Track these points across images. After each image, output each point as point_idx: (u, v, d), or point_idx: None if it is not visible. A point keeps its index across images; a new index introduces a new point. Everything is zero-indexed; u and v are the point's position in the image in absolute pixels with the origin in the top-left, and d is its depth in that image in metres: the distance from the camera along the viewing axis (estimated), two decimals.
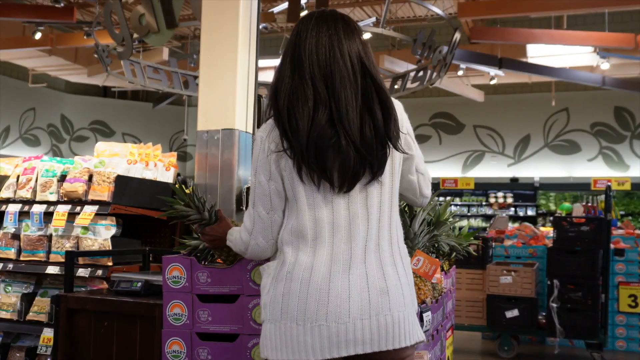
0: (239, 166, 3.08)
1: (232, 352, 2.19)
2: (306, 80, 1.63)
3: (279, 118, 1.65)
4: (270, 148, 1.68)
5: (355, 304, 1.59)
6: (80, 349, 2.67)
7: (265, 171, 1.69)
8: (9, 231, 3.73)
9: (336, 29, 1.66)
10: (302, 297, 1.60)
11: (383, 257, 1.67)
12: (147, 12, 3.54)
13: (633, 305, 6.19)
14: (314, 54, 1.64)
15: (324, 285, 1.60)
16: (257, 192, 1.71)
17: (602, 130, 13.62)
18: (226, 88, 3.08)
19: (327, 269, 1.61)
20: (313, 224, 1.65)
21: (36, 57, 11.40)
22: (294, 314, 1.61)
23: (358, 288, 1.61)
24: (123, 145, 4.10)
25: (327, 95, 1.61)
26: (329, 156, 1.61)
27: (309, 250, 1.64)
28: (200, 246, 2.21)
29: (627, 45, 8.79)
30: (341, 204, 1.65)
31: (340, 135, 1.59)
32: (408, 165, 1.79)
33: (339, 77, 1.62)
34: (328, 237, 1.64)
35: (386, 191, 1.70)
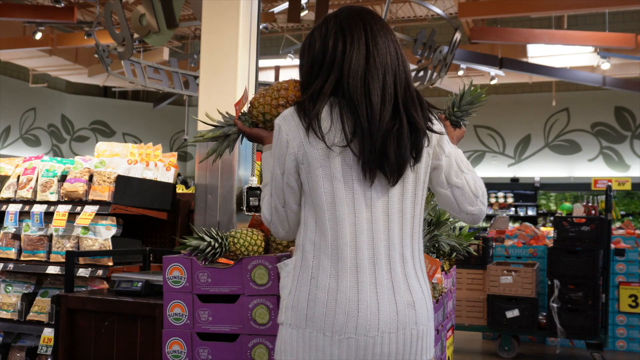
0: (239, 166, 3.08)
1: (232, 352, 2.19)
2: (379, 73, 1.58)
3: (314, 105, 1.58)
4: (291, 142, 1.59)
5: (384, 317, 1.55)
6: (81, 349, 2.67)
7: (281, 164, 1.62)
8: (9, 231, 3.74)
9: (370, 25, 1.63)
10: (331, 307, 1.55)
11: (407, 269, 1.62)
12: (148, 12, 3.54)
13: (633, 306, 6.19)
14: (348, 47, 1.60)
15: (352, 297, 1.55)
16: (274, 184, 1.65)
17: (603, 130, 13.62)
18: (227, 88, 3.08)
19: (354, 279, 1.56)
20: (334, 223, 1.58)
21: (37, 57, 11.41)
22: (320, 324, 1.55)
23: (386, 301, 1.57)
24: (123, 145, 4.10)
25: (392, 86, 1.59)
26: (390, 147, 1.56)
27: (331, 253, 1.58)
28: (201, 246, 2.21)
29: (627, 45, 8.79)
30: (362, 205, 1.59)
31: (402, 123, 1.57)
32: (437, 176, 1.70)
33: (402, 68, 1.61)
34: (350, 240, 1.58)
35: (408, 198, 1.63)
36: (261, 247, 2.38)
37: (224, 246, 2.23)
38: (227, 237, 2.27)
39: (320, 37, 1.65)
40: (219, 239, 2.23)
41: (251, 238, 2.35)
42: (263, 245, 2.39)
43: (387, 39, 1.62)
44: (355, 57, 1.59)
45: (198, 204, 3.11)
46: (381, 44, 1.60)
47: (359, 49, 1.60)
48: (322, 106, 1.58)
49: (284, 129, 1.61)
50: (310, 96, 1.60)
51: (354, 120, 1.55)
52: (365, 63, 1.59)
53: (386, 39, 1.62)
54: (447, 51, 6.45)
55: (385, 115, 1.56)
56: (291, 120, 1.60)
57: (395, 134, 1.56)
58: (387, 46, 1.61)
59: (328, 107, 1.58)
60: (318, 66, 1.63)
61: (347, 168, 1.57)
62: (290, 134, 1.59)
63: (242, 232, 2.34)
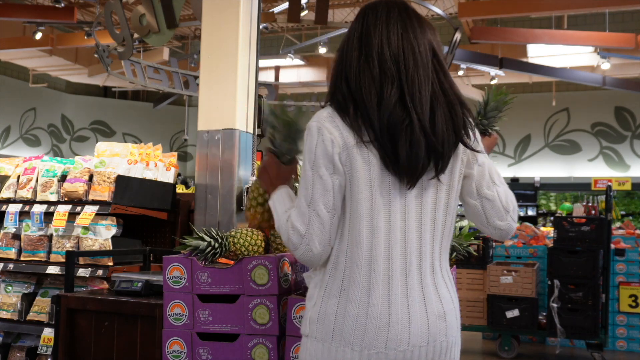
0: (239, 166, 3.08)
1: (232, 352, 2.19)
2: (374, 62, 1.51)
3: (345, 104, 1.52)
4: (335, 141, 1.50)
5: (416, 331, 1.49)
6: (81, 349, 2.67)
7: (328, 163, 1.49)
8: (9, 231, 3.74)
9: (409, 16, 1.57)
10: (361, 321, 1.48)
11: (437, 279, 1.56)
12: (148, 12, 3.54)
13: (633, 306, 6.19)
14: (385, 38, 1.53)
15: (383, 310, 1.48)
16: (317, 188, 1.49)
17: (603, 130, 13.62)
18: (227, 88, 3.08)
19: (385, 291, 1.49)
20: (370, 232, 1.51)
21: (37, 57, 11.41)
22: (349, 339, 1.48)
23: (418, 313, 1.50)
24: (123, 145, 4.10)
25: (396, 79, 1.50)
26: (401, 141, 1.47)
27: (364, 265, 1.50)
28: (201, 246, 2.21)
29: (627, 45, 8.79)
30: (397, 213, 1.51)
31: (412, 119, 1.47)
32: (467, 186, 1.62)
33: (412, 58, 1.51)
34: (384, 250, 1.50)
35: (441, 207, 1.56)
36: (261, 247, 2.38)
37: (224, 246, 2.23)
38: (227, 237, 2.27)
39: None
40: (219, 239, 2.23)
41: (251, 238, 2.35)
42: (263, 245, 2.39)
43: (387, 25, 1.56)
44: (348, 56, 1.57)
45: (198, 204, 3.11)
46: (374, 33, 1.55)
47: (352, 45, 1.58)
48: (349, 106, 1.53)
49: (326, 128, 1.52)
50: (332, 97, 1.58)
51: (362, 116, 1.51)
52: (357, 59, 1.55)
53: (386, 25, 1.56)
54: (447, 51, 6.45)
55: (385, 107, 1.49)
56: (331, 120, 1.53)
57: (407, 129, 1.48)
58: (386, 33, 1.55)
59: (351, 107, 1.53)
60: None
61: (384, 173, 1.50)
62: (334, 132, 1.51)
63: (242, 232, 2.34)
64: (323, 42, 10.31)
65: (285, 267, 2.24)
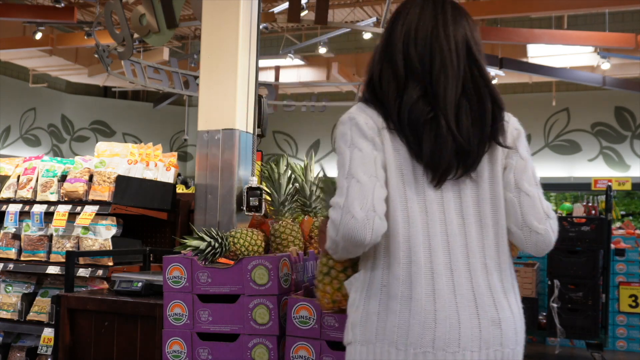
0: (239, 166, 3.08)
1: (232, 352, 2.19)
2: (398, 57, 1.48)
3: (375, 96, 1.50)
4: (369, 124, 1.46)
5: (466, 333, 1.38)
6: (81, 349, 2.67)
7: (365, 140, 1.43)
8: (9, 231, 3.74)
9: (443, 10, 1.52)
10: (404, 317, 1.38)
11: (492, 281, 1.44)
12: (148, 12, 3.54)
13: (634, 306, 6.18)
14: (413, 32, 1.49)
15: (429, 306, 1.38)
16: (355, 159, 1.41)
17: (603, 130, 13.62)
18: (227, 88, 3.08)
19: (429, 286, 1.39)
20: (406, 223, 1.41)
21: (37, 57, 11.41)
22: (393, 337, 1.38)
23: (467, 314, 1.39)
24: (123, 145, 4.10)
25: (421, 73, 1.46)
26: (424, 135, 1.42)
27: (403, 256, 1.41)
28: (201, 246, 2.21)
29: (627, 45, 8.78)
30: (433, 203, 1.43)
31: (437, 113, 1.42)
32: (507, 177, 1.49)
33: (439, 57, 1.47)
34: (423, 241, 1.41)
35: (486, 201, 1.46)
36: (261, 247, 2.38)
37: (224, 246, 2.23)
38: (227, 237, 2.27)
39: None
40: (219, 239, 2.23)
41: (251, 238, 2.35)
42: (263, 245, 2.39)
43: (421, 17, 1.52)
44: (380, 45, 1.56)
45: (198, 204, 3.10)
46: (406, 24, 1.53)
47: (385, 35, 1.56)
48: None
49: (358, 115, 1.48)
50: (367, 89, 1.56)
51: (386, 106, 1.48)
52: (385, 50, 1.54)
53: (419, 17, 1.52)
54: None
55: (407, 99, 1.45)
56: (361, 110, 1.50)
57: (431, 122, 1.43)
58: (417, 24, 1.52)
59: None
60: None
61: (415, 162, 1.44)
62: (366, 117, 1.47)
63: (242, 232, 2.34)
64: (323, 42, 10.31)
65: (285, 267, 2.24)
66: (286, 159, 2.65)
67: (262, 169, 2.70)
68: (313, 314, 2.10)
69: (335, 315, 2.08)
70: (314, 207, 2.68)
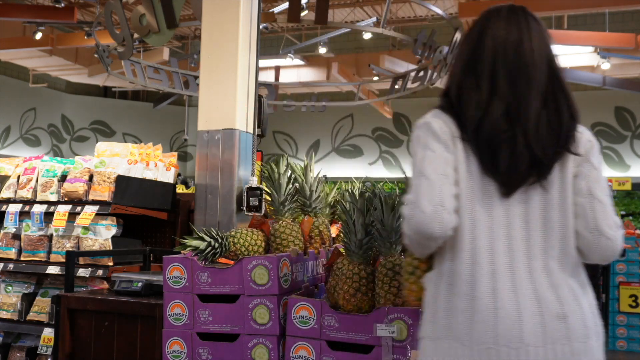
0: (239, 166, 3.07)
1: (232, 352, 2.19)
2: (486, 70, 1.53)
3: (451, 106, 1.56)
4: (443, 129, 1.52)
5: (528, 328, 1.42)
6: (81, 349, 2.67)
7: (438, 142, 1.51)
8: (9, 231, 3.74)
9: (527, 25, 1.56)
10: (468, 315, 1.45)
11: (555, 280, 1.49)
12: (148, 12, 3.54)
13: (634, 306, 6.19)
14: (501, 46, 1.54)
15: (489, 303, 1.44)
16: (427, 159, 1.49)
17: (603, 130, 13.62)
18: (227, 88, 3.08)
19: (490, 285, 1.45)
20: (471, 226, 1.49)
21: (37, 57, 11.41)
22: (458, 334, 1.45)
23: (529, 311, 1.44)
24: (123, 145, 4.10)
25: (506, 89, 1.51)
26: (501, 153, 1.48)
27: (466, 257, 1.48)
28: (201, 246, 2.21)
29: (627, 45, 8.78)
30: (500, 211, 1.50)
31: (516, 131, 1.48)
32: (577, 183, 1.54)
33: (525, 74, 1.52)
34: (486, 244, 1.48)
35: (554, 207, 1.51)
36: (261, 247, 2.38)
37: (224, 246, 2.24)
38: (227, 237, 2.28)
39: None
40: (219, 239, 2.23)
41: (251, 238, 2.35)
42: (263, 245, 2.39)
43: (508, 32, 1.56)
44: (461, 57, 1.61)
45: (198, 204, 3.10)
46: (494, 39, 1.56)
47: (467, 47, 1.60)
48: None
49: (434, 121, 1.55)
50: (444, 97, 1.62)
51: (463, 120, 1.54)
52: (469, 63, 1.58)
53: (506, 32, 1.56)
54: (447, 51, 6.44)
55: (488, 119, 1.50)
56: (437, 116, 1.56)
57: (509, 141, 1.49)
58: (504, 40, 1.55)
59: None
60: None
61: (483, 170, 1.52)
62: (441, 123, 1.54)
63: (242, 232, 2.34)
64: (323, 42, 10.31)
65: (285, 267, 2.24)
66: (286, 159, 2.65)
67: (262, 169, 2.70)
68: (313, 314, 2.10)
69: (336, 315, 2.08)
70: (314, 207, 2.68)
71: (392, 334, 1.99)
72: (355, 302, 2.07)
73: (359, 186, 2.81)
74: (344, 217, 2.18)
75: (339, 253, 2.27)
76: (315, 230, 2.59)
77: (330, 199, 2.89)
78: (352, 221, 2.13)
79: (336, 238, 2.86)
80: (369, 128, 14.89)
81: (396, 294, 2.04)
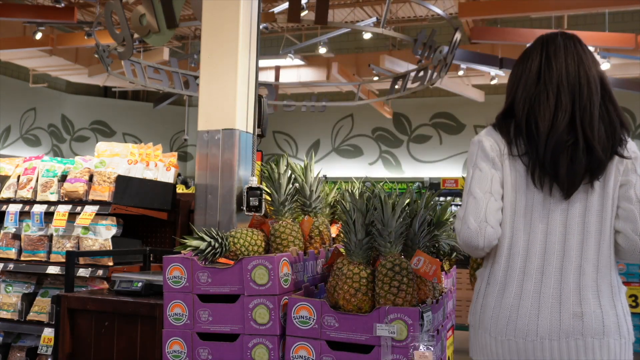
0: (239, 166, 3.08)
1: (232, 352, 2.19)
2: (552, 89, 1.75)
3: (516, 122, 1.77)
4: (493, 147, 1.76)
5: (544, 325, 1.66)
6: (81, 349, 2.67)
7: (486, 161, 1.76)
8: (9, 231, 3.74)
9: (583, 50, 1.81)
10: (496, 312, 1.73)
11: (584, 281, 1.69)
12: (148, 12, 3.54)
13: (634, 306, 6.18)
14: (564, 69, 1.76)
15: (514, 303, 1.70)
16: (475, 178, 1.75)
17: None
18: (227, 88, 3.08)
19: (519, 288, 1.71)
20: (511, 234, 1.74)
21: (37, 57, 11.41)
22: (487, 326, 1.74)
23: (549, 309, 1.67)
24: (124, 145, 4.10)
25: (569, 104, 1.73)
26: (562, 160, 1.70)
27: (503, 262, 1.74)
28: (201, 246, 2.21)
29: (627, 45, 8.78)
30: (538, 218, 1.72)
31: (578, 138, 1.70)
32: (624, 192, 1.75)
33: (586, 90, 1.74)
34: (522, 249, 1.72)
35: (593, 214, 1.72)
36: (261, 247, 2.38)
37: (224, 246, 2.24)
38: (227, 237, 2.28)
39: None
40: (219, 239, 2.23)
41: (251, 238, 2.35)
42: (263, 245, 2.39)
43: (566, 56, 1.79)
44: (524, 79, 1.80)
45: (198, 204, 3.10)
46: (555, 63, 1.78)
47: (530, 71, 1.81)
48: (510, 123, 1.79)
49: (485, 139, 1.79)
50: (501, 116, 1.86)
51: (527, 134, 1.74)
52: (535, 84, 1.78)
53: (565, 57, 1.79)
54: (447, 51, 6.44)
55: (554, 131, 1.70)
56: (489, 134, 1.81)
57: (569, 148, 1.70)
58: (565, 63, 1.78)
59: (513, 124, 1.78)
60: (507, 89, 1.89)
61: (529, 182, 1.74)
62: (492, 141, 1.78)
63: (242, 232, 2.34)
64: (323, 42, 10.30)
65: (285, 267, 2.24)
66: (286, 159, 2.65)
67: (262, 169, 2.70)
68: (313, 314, 2.10)
69: (335, 315, 2.08)
70: (314, 207, 2.68)
71: (392, 334, 1.99)
72: (356, 302, 2.08)
73: (359, 186, 2.81)
74: (344, 217, 2.18)
75: (339, 253, 2.27)
76: (315, 230, 2.59)
77: (330, 199, 2.89)
78: (352, 221, 2.13)
79: (336, 238, 2.86)
80: (369, 128, 14.89)
81: (396, 294, 2.05)
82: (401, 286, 2.05)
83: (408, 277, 2.08)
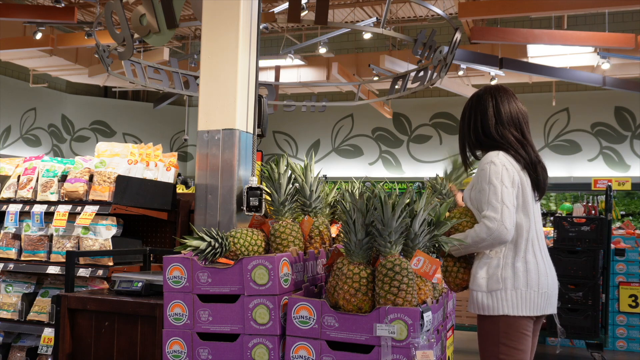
0: (239, 166, 3.08)
1: (232, 352, 2.19)
2: (515, 126, 2.59)
3: (518, 152, 2.51)
4: (510, 168, 2.44)
5: (552, 281, 2.51)
6: (81, 348, 2.67)
7: (510, 180, 2.43)
8: (9, 231, 3.74)
9: (517, 98, 2.66)
10: (535, 276, 2.44)
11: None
12: (148, 12, 3.54)
13: (633, 306, 6.19)
14: (521, 112, 2.64)
15: (542, 268, 2.47)
16: (505, 194, 2.40)
17: (603, 130, 13.62)
18: (227, 88, 3.08)
19: (545, 260, 2.50)
20: (528, 225, 2.47)
21: (37, 57, 11.41)
22: (518, 285, 2.41)
23: (553, 273, 2.54)
24: (124, 145, 4.11)
25: (528, 137, 2.60)
26: (541, 173, 2.52)
27: (524, 242, 2.45)
28: (201, 246, 2.21)
29: (627, 45, 8.78)
30: (532, 214, 2.49)
31: (540, 159, 2.55)
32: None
33: (528, 125, 2.65)
34: (534, 235, 2.48)
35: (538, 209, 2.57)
36: (261, 247, 2.38)
37: (224, 246, 2.24)
38: (227, 237, 2.28)
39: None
40: (219, 239, 2.23)
41: (251, 238, 2.35)
42: (263, 245, 2.40)
43: (509, 103, 2.65)
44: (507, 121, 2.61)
45: (198, 204, 3.10)
46: (506, 107, 2.62)
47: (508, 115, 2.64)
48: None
49: (505, 161, 2.45)
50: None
51: (526, 156, 2.52)
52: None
53: (508, 103, 2.64)
54: (447, 51, 6.44)
55: (533, 153, 2.54)
56: (505, 157, 2.47)
57: (543, 165, 2.54)
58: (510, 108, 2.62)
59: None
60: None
61: (530, 190, 2.50)
62: (508, 164, 2.45)
63: (242, 232, 2.34)
64: (323, 42, 10.30)
65: (285, 267, 2.25)
66: (286, 159, 2.65)
67: (262, 169, 2.70)
68: (313, 314, 2.11)
69: (335, 315, 2.09)
70: (314, 207, 2.68)
71: (392, 334, 1.99)
72: (356, 302, 2.08)
73: (359, 186, 2.81)
74: (344, 217, 2.18)
75: (339, 253, 2.27)
76: (315, 230, 2.59)
77: (330, 199, 2.89)
78: (352, 221, 2.13)
79: (336, 238, 2.86)
80: (369, 128, 14.89)
81: (396, 294, 2.05)
82: (401, 286, 2.05)
83: (408, 277, 2.08)
